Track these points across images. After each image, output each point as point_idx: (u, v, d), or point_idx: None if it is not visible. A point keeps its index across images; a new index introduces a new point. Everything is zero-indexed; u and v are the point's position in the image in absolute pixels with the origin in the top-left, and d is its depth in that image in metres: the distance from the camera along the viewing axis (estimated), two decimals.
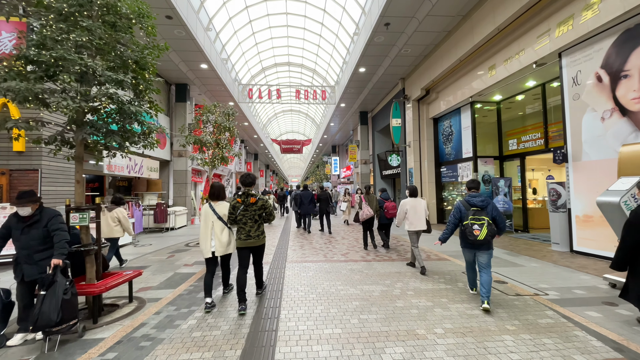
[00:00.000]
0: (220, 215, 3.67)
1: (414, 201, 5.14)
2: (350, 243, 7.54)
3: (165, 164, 12.34)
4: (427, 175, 11.39)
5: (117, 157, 8.70)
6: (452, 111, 10.53)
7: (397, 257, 5.94)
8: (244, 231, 3.62)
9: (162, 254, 6.67)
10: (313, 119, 33.03)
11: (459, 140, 10.23)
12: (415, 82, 11.31)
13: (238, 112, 10.79)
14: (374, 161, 16.99)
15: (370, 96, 14.61)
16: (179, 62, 10.63)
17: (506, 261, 5.58)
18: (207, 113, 7.82)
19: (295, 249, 6.86)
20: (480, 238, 3.39)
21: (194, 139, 7.60)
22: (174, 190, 12.31)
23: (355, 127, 21.99)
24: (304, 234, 9.19)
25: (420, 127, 11.67)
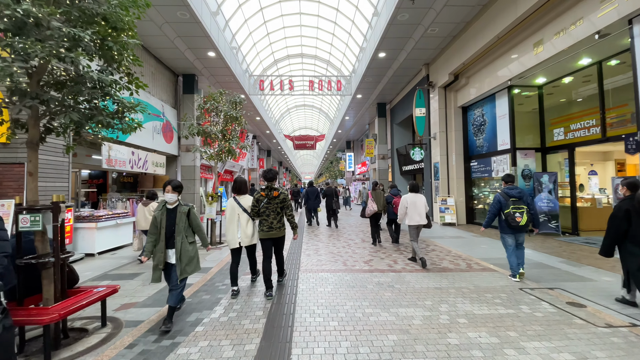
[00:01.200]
0: (245, 207, 3.89)
1: (414, 197, 5.27)
2: (373, 248, 6.61)
3: (172, 159, 11.72)
4: (454, 170, 10.27)
5: (118, 150, 8.08)
6: (485, 98, 9.36)
7: (431, 266, 4.97)
8: (266, 223, 3.82)
9: None
10: (327, 114, 32.06)
11: (493, 131, 9.07)
12: (442, 67, 10.18)
13: (246, 100, 9.97)
14: (392, 156, 15.90)
15: (389, 85, 13.52)
16: (184, 49, 9.92)
17: (569, 274, 4.52)
18: (211, 101, 7.02)
19: (309, 253, 5.99)
20: (522, 224, 4.11)
21: (197, 129, 6.83)
22: None
23: (372, 121, 20.90)
24: (318, 235, 8.31)
25: (447, 117, 10.55)
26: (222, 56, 10.63)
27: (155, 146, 10.10)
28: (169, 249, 3.13)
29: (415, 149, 11.32)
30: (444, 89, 10.59)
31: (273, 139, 27.71)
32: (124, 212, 7.14)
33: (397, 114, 15.22)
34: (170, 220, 3.15)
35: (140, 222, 5.78)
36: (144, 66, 9.74)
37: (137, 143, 9.03)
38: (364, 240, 7.41)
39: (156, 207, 3.27)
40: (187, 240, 3.15)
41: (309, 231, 9.08)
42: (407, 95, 13.64)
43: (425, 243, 6.90)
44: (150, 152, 9.66)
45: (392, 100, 15.84)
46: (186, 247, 3.13)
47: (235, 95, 7.55)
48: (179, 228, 3.12)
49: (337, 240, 7.44)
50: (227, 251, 6.28)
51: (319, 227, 9.90)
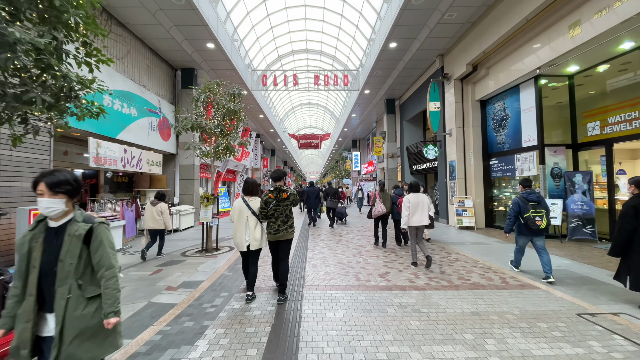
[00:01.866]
0: (254, 210, 3.71)
1: (416, 197, 5.04)
2: (387, 256, 5.86)
3: (170, 158, 11.10)
4: (472, 169, 9.47)
5: (108, 147, 7.45)
6: (508, 90, 8.55)
7: (459, 281, 4.22)
8: (274, 225, 3.72)
9: (149, 267, 5.28)
10: (332, 112, 31.31)
11: (517, 126, 8.25)
12: (459, 57, 9.38)
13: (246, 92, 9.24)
14: (402, 154, 15.11)
15: (399, 79, 12.73)
16: (181, 40, 9.27)
17: (627, 292, 3.71)
18: (207, 93, 6.34)
19: (315, 263, 5.26)
20: (542, 227, 4.24)
21: (191, 124, 6.16)
22: (180, 187, 11.06)
23: (380, 118, 20.11)
24: (325, 240, 7.59)
25: (465, 111, 9.74)
26: (222, 48, 9.97)
27: (151, 144, 9.47)
28: (46, 313, 1.64)
29: (429, 146, 10.53)
30: (461, 82, 9.78)
31: (277, 138, 27.05)
32: (111, 215, 6.50)
33: (407, 110, 14.42)
34: (50, 254, 1.64)
35: (147, 222, 5.94)
36: (139, 58, 9.13)
37: (130, 140, 8.41)
38: (378, 247, 6.66)
39: (27, 230, 1.69)
40: (81, 294, 1.64)
41: (314, 235, 8.36)
42: (418, 90, 12.84)
43: (446, 251, 6.13)
44: (145, 150, 9.03)
45: (401, 96, 15.05)
46: (79, 307, 1.62)
47: (233, 86, 6.86)
48: (65, 269, 1.62)
49: (346, 247, 6.70)
50: (223, 260, 5.60)
51: (326, 231, 9.18)
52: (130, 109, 8.49)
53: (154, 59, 9.87)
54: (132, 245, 7.26)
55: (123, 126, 8.13)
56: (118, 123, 7.93)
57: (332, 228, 9.78)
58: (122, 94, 8.10)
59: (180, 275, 4.66)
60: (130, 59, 8.71)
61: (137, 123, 8.74)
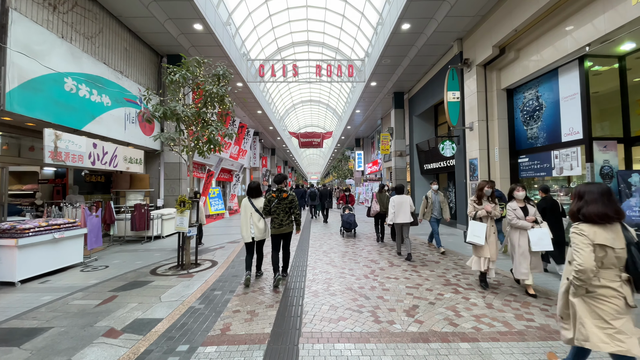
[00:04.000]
0: (257, 208, 4.36)
1: (400, 198, 5.85)
2: (409, 276, 4.63)
3: (154, 155, 9.91)
4: (497, 168, 8.22)
5: (70, 140, 6.24)
6: (542, 75, 7.31)
7: (520, 323, 2.99)
8: (277, 220, 4.30)
9: (100, 292, 4.06)
10: (334, 110, 30.09)
11: (554, 117, 7.01)
12: (483, 39, 8.14)
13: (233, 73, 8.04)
14: (411, 152, 13.87)
15: (409, 69, 11.50)
16: (164, 19, 8.08)
17: None
18: (183, 72, 5.12)
19: (317, 289, 4.04)
20: None
21: (162, 110, 4.95)
22: (165, 188, 9.87)
23: (385, 115, 18.88)
24: (328, 253, 6.37)
25: (488, 102, 8.50)
26: (211, 30, 8.77)
27: (129, 138, 8.28)
28: None
29: (446, 142, 9.29)
30: (484, 68, 8.54)
31: (277, 136, 25.85)
32: (67, 223, 5.30)
33: (417, 105, 13.18)
34: None
35: None
36: (115, 40, 7.94)
37: (101, 133, 7.22)
38: (392, 263, 5.43)
39: None
40: None
41: (315, 246, 7.13)
42: (431, 82, 11.61)
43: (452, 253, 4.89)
44: (121, 146, 7.85)
45: (410, 89, 13.81)
46: None
47: (219, 65, 5.66)
48: None
49: (354, 262, 5.48)
50: (199, 282, 4.39)
51: (327, 239, 7.98)
52: (102, 97, 7.30)
53: (133, 42, 8.68)
54: (97, 258, 6.06)
55: (91, 116, 6.94)
56: (85, 112, 6.74)
57: (341, 236, 8.64)
58: (90, 78, 6.91)
59: (135, 308, 3.45)
60: (103, 40, 7.52)
61: (110, 114, 7.54)
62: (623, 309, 1.80)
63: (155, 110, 4.97)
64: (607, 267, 1.84)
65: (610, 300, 1.81)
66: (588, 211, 1.90)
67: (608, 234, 1.84)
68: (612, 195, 1.94)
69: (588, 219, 1.89)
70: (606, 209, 1.86)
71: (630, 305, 1.81)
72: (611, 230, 1.85)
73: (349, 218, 8.29)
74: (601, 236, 1.83)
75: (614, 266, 1.83)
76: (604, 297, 1.83)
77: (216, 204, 13.44)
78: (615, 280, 1.83)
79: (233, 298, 3.69)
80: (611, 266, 1.83)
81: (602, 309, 1.82)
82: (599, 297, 1.84)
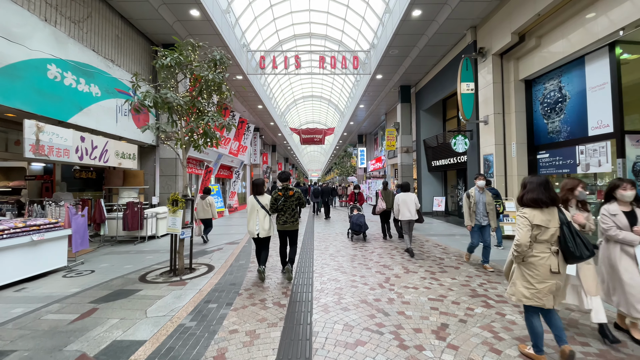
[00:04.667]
0: (263, 205, 4.45)
1: (405, 195, 5.99)
2: (429, 285, 4.13)
3: (149, 151, 9.39)
4: (514, 164, 7.70)
5: (55, 133, 5.67)
6: (566, 64, 6.76)
7: None
8: (282, 218, 4.47)
9: (79, 303, 3.57)
10: (336, 106, 29.49)
11: (580, 109, 6.47)
12: (500, 25, 7.58)
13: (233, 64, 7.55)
14: (418, 149, 13.33)
15: (418, 61, 10.92)
16: (159, 5, 7.53)
17: None
18: (174, 55, 4.59)
19: (327, 303, 3.53)
20: None
21: (152, 98, 4.42)
22: (161, 185, 9.36)
23: (390, 110, 18.33)
24: (335, 256, 5.87)
25: (505, 93, 7.95)
26: (209, 17, 8.22)
27: (122, 131, 7.76)
28: None
29: (458, 137, 8.76)
30: (500, 57, 7.98)
31: (278, 132, 25.31)
32: (48, 224, 4.80)
33: (425, 98, 12.62)
34: None
35: (199, 213, 7.32)
36: (105, 26, 7.40)
37: (90, 126, 6.70)
38: (407, 269, 4.92)
39: None
40: None
41: (320, 248, 6.63)
42: (440, 74, 11.05)
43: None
44: (113, 140, 7.33)
45: (418, 82, 13.24)
46: None
47: (216, 49, 5.12)
48: None
49: (365, 267, 4.98)
50: (192, 292, 3.89)
51: (333, 241, 7.48)
52: (91, 86, 6.77)
53: (126, 29, 8.13)
54: (83, 261, 5.57)
55: (79, 107, 6.41)
56: (71, 103, 6.21)
57: (348, 238, 8.07)
58: (77, 66, 6.38)
59: (115, 326, 2.95)
60: (91, 25, 6.97)
61: (100, 105, 7.02)
62: (547, 275, 2.21)
63: (145, 98, 4.44)
64: (540, 242, 2.25)
65: (537, 268, 2.24)
66: (527, 198, 2.31)
67: (544, 216, 2.24)
68: (549, 185, 2.30)
69: (528, 204, 2.30)
70: (542, 196, 2.25)
71: (553, 272, 2.20)
72: (548, 213, 2.24)
73: (358, 220, 7.29)
74: (538, 218, 2.23)
75: (546, 241, 2.24)
76: (533, 265, 2.25)
77: (215, 202, 12.92)
78: (545, 252, 2.24)
79: (230, 313, 3.19)
80: (544, 241, 2.24)
81: (530, 274, 2.26)
82: (530, 264, 2.27)
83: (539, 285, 2.22)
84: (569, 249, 2.19)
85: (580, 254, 2.18)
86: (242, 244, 7.18)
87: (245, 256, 5.82)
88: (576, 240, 2.20)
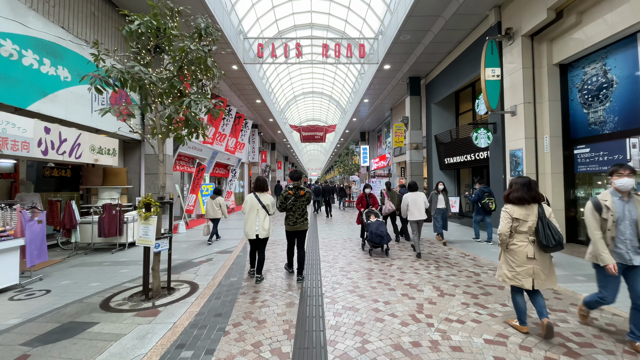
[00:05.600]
0: (264, 205, 4.28)
1: (415, 195, 5.85)
2: (477, 319, 3.17)
3: (133, 146, 8.42)
4: (547, 161, 6.74)
5: (11, 122, 4.43)
6: (613, 44, 5.80)
7: None
8: (292, 218, 4.29)
9: (10, 345, 2.60)
10: (338, 102, 28.51)
11: (632, 96, 5.52)
12: (532, 2, 6.61)
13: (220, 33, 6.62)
14: (428, 145, 12.38)
15: (431, 48, 9.94)
16: None
17: None
18: (146, 19, 3.61)
19: (346, 352, 2.59)
20: None
21: (116, 72, 3.45)
22: (147, 184, 8.38)
23: (396, 105, 17.36)
24: (350, 274, 4.90)
25: (536, 80, 6.99)
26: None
27: (98, 123, 6.79)
28: None
29: (480, 131, 7.80)
30: (531, 39, 7.01)
31: (278, 130, 24.33)
32: None
33: (437, 90, 11.66)
34: None
35: (209, 212, 7.40)
36: (79, 1, 6.41)
37: (57, 115, 5.73)
38: (441, 290, 3.97)
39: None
40: None
41: (328, 260, 5.67)
42: (454, 64, 10.09)
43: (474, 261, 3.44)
44: (88, 132, 6.35)
45: (428, 74, 12.27)
46: None
47: (201, 17, 4.15)
48: None
49: (388, 287, 4.02)
50: (166, 326, 2.92)
51: (344, 252, 6.53)
52: (58, 69, 5.78)
53: (103, 7, 7.14)
54: (42, 276, 4.59)
55: (42, 92, 5.43)
56: (31, 86, 5.23)
57: (361, 250, 7.12)
58: (41, 45, 5.40)
59: None
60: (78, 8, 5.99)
61: (70, 91, 6.03)
62: (524, 260, 2.63)
63: (108, 74, 3.46)
64: (519, 232, 2.66)
65: (517, 254, 2.66)
66: (513, 196, 2.71)
67: (523, 211, 2.65)
68: (531, 185, 2.68)
69: (513, 201, 2.72)
70: (525, 195, 2.65)
71: (529, 258, 2.61)
72: (526, 209, 2.65)
73: (378, 229, 5.65)
74: (517, 212, 2.66)
75: (525, 232, 2.64)
76: (514, 252, 2.69)
77: None
78: (524, 241, 2.65)
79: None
80: (523, 232, 2.65)
81: (511, 259, 2.70)
82: (512, 251, 2.70)
83: (518, 268, 2.65)
84: (539, 239, 2.56)
85: (548, 243, 2.52)
86: (235, 252, 6.22)
87: (238, 270, 4.85)
88: (546, 232, 2.54)
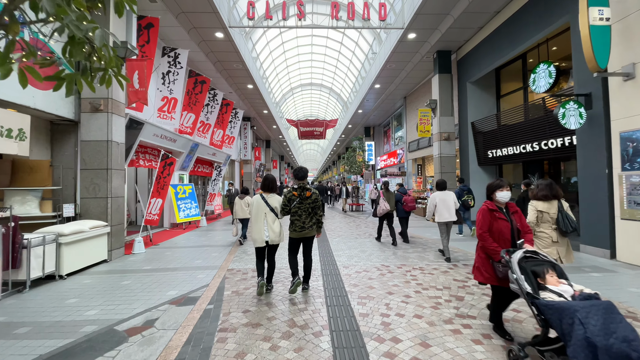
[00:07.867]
0: (272, 207, 3.82)
1: (443, 194, 5.51)
2: None
3: (65, 129, 5.82)
4: None
5: None
6: None
7: None
8: (299, 223, 3.74)
9: None
10: (339, 95, 26.07)
11: None
12: None
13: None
14: (461, 135, 9.98)
15: (474, 6, 7.52)
16: None
17: None
18: None
19: None
20: None
21: None
22: (83, 185, 5.75)
23: (411, 92, 14.96)
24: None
25: None
26: None
27: None
28: None
29: (568, 105, 5.37)
30: None
31: (273, 125, 21.80)
32: None
33: (472, 68, 9.28)
34: None
35: (237, 212, 7.01)
36: None
37: None
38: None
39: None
40: None
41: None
42: (497, 32, 7.79)
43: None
44: None
45: (462, 46, 9.87)
46: None
47: None
48: None
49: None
50: None
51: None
52: None
53: None
54: None
55: None
56: None
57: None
58: None
59: None
60: None
61: None
62: (550, 243, 3.29)
63: None
64: (544, 222, 3.32)
65: (543, 239, 3.33)
66: (540, 194, 3.37)
67: (546, 205, 3.31)
68: (552, 185, 3.38)
69: (539, 198, 3.36)
70: (548, 193, 3.33)
71: (554, 241, 3.27)
72: (549, 204, 3.31)
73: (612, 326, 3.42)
74: (541, 206, 3.32)
75: (548, 222, 3.30)
76: (540, 238, 3.35)
77: (187, 208, 9.37)
78: (548, 229, 3.30)
79: None
80: (547, 222, 3.31)
81: (540, 243, 3.34)
82: (539, 237, 3.36)
83: (545, 249, 3.30)
84: (559, 227, 3.25)
85: (566, 229, 3.22)
86: (204, 300, 3.64)
87: (203, 354, 2.32)
88: (565, 222, 3.23)
